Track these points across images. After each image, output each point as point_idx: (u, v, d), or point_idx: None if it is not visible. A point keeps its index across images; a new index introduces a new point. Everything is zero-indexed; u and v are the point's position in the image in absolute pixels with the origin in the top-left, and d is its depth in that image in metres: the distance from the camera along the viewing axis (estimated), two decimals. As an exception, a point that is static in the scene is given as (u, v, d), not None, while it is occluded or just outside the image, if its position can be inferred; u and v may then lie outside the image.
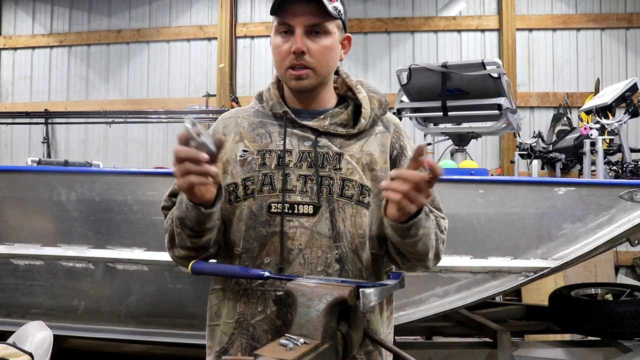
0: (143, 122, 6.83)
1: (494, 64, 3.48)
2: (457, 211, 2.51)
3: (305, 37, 1.26)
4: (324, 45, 1.28)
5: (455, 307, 2.61)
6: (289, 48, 1.26)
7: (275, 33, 1.30)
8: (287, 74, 1.29)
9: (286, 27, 1.26)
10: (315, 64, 1.27)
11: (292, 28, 1.26)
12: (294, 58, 1.26)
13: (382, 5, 6.99)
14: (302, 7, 1.24)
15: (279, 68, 1.31)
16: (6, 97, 7.66)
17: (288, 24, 1.26)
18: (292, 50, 1.25)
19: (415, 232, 1.19)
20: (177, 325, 2.66)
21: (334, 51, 1.31)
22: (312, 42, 1.26)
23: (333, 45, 1.30)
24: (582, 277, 5.50)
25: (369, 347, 1.31)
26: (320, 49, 1.27)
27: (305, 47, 1.25)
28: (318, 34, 1.27)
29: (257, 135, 1.34)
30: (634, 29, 6.59)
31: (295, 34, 1.25)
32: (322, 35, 1.27)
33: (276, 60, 1.31)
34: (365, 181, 1.31)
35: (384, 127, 1.39)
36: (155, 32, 7.31)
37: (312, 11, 1.24)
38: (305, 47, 1.25)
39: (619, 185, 2.54)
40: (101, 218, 2.58)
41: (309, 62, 1.27)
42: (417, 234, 1.19)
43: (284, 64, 1.28)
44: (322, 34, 1.27)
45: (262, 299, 1.25)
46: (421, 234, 1.20)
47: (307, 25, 1.25)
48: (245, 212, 1.28)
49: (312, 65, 1.27)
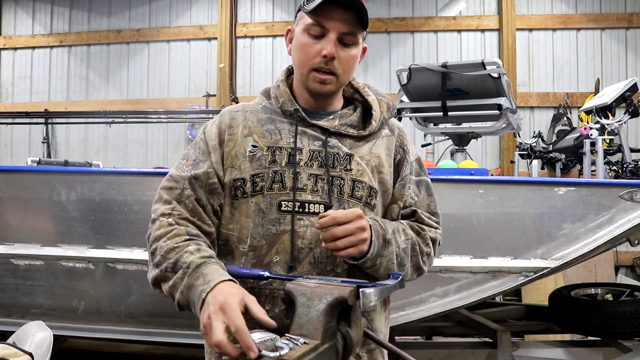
0: (143, 122, 6.83)
1: (494, 64, 3.48)
2: (457, 211, 2.51)
3: (337, 44, 1.25)
4: (351, 54, 1.28)
5: (455, 307, 2.61)
6: (319, 50, 1.25)
7: (304, 31, 1.28)
8: (310, 74, 1.28)
9: (320, 30, 1.25)
10: (340, 71, 1.28)
11: (326, 31, 1.25)
12: (322, 61, 1.26)
13: (382, 5, 6.99)
14: (341, 13, 1.24)
15: (302, 66, 1.30)
16: (6, 97, 7.66)
17: (324, 27, 1.25)
18: (324, 54, 1.24)
19: (372, 264, 1.21)
20: (177, 325, 2.66)
21: (357, 61, 1.32)
22: (342, 50, 1.26)
23: (357, 56, 1.31)
24: (582, 277, 5.50)
25: (371, 345, 1.32)
26: (348, 57, 1.28)
27: (336, 53, 1.25)
28: (348, 42, 1.27)
29: (267, 131, 1.32)
30: (634, 29, 6.58)
31: (328, 38, 1.25)
32: (351, 45, 1.28)
33: (301, 58, 1.29)
34: (374, 183, 1.31)
35: (389, 130, 1.40)
36: (155, 32, 7.31)
37: (350, 19, 1.24)
38: (336, 53, 1.25)
39: (619, 185, 2.54)
40: (101, 218, 2.57)
41: (336, 68, 1.27)
42: (374, 264, 1.22)
43: (309, 63, 1.27)
44: (352, 44, 1.28)
45: (271, 297, 1.24)
46: (379, 263, 1.22)
47: (342, 32, 1.25)
48: (252, 208, 1.27)
49: (337, 72, 1.27)
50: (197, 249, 1.18)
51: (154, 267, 1.21)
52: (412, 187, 1.38)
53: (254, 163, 1.28)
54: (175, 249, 1.18)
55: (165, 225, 1.23)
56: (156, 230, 1.24)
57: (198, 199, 1.28)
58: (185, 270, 1.14)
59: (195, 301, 1.08)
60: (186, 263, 1.15)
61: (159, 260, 1.19)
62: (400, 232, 1.28)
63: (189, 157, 1.34)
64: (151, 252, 1.23)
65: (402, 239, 1.27)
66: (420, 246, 1.32)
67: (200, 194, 1.28)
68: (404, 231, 1.30)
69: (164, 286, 1.18)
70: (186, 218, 1.26)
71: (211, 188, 1.29)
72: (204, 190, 1.28)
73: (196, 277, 1.11)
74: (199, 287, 1.08)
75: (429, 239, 1.35)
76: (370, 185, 1.30)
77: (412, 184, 1.38)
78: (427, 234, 1.34)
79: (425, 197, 1.40)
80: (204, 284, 1.08)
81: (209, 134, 1.35)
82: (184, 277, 1.13)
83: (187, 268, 1.14)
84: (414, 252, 1.31)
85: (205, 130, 1.37)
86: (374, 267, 1.22)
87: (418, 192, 1.38)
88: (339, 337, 1.03)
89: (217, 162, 1.30)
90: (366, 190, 1.30)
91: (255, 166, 1.28)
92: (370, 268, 1.23)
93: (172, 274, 1.16)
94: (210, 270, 1.11)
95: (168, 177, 1.32)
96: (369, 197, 1.30)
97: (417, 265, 1.33)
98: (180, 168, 1.32)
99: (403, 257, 1.27)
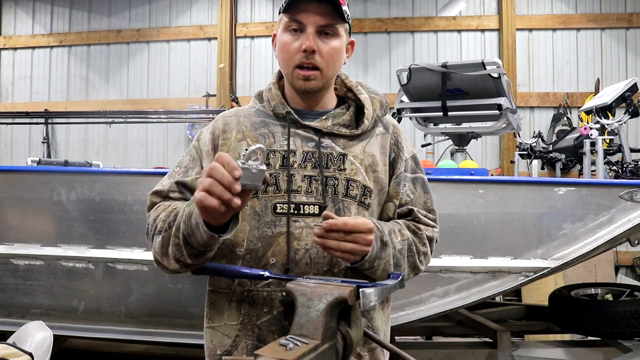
0: (143, 122, 6.83)
1: (494, 64, 3.47)
2: (457, 211, 2.51)
3: (316, 37, 1.25)
4: (333, 46, 1.28)
5: (455, 307, 2.61)
6: (299, 46, 1.25)
7: (284, 30, 1.29)
8: (294, 73, 1.28)
9: (297, 25, 1.26)
10: (323, 64, 1.27)
11: (304, 26, 1.25)
12: (303, 56, 1.25)
13: (382, 5, 6.99)
14: (316, 7, 1.24)
15: (285, 66, 1.30)
16: (6, 97, 7.66)
17: (300, 22, 1.25)
18: (303, 48, 1.24)
19: (370, 266, 1.21)
20: (177, 325, 2.66)
21: (341, 54, 1.31)
22: (322, 42, 1.26)
23: (341, 48, 1.30)
24: (582, 277, 5.50)
25: (372, 344, 1.32)
26: (330, 50, 1.27)
27: (316, 46, 1.25)
28: (328, 35, 1.27)
29: (260, 135, 1.32)
30: (634, 29, 6.59)
31: (306, 33, 1.25)
32: (331, 37, 1.27)
33: (283, 58, 1.30)
34: (368, 182, 1.31)
35: (383, 128, 1.40)
36: (155, 32, 7.31)
37: (326, 11, 1.24)
38: (316, 47, 1.24)
39: (619, 185, 2.54)
40: (101, 218, 2.57)
41: (318, 62, 1.26)
42: (372, 267, 1.21)
43: (292, 61, 1.27)
44: (332, 35, 1.27)
45: (268, 299, 1.25)
46: (377, 265, 1.22)
47: (319, 25, 1.25)
48: (248, 212, 1.27)
49: (320, 66, 1.27)
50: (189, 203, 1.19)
51: (157, 234, 1.22)
52: (408, 185, 1.37)
53: None
54: (172, 210, 1.22)
55: (160, 209, 1.26)
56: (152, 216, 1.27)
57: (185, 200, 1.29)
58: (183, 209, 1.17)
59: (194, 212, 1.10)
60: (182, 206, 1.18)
61: (161, 226, 1.21)
62: (396, 232, 1.28)
63: (182, 164, 1.36)
64: (152, 235, 1.25)
65: (399, 239, 1.27)
66: (417, 246, 1.32)
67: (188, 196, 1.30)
68: (400, 232, 1.30)
69: (170, 244, 1.18)
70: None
71: None
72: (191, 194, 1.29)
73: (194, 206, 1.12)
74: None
75: (426, 238, 1.34)
76: (365, 184, 1.30)
77: (408, 181, 1.38)
78: (424, 233, 1.34)
79: (421, 194, 1.39)
80: None
81: (203, 140, 1.36)
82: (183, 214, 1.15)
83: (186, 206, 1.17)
84: (410, 252, 1.30)
85: (199, 137, 1.39)
86: (372, 269, 1.22)
87: (414, 189, 1.38)
88: (339, 337, 1.03)
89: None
90: (360, 189, 1.29)
91: None
92: (367, 270, 1.22)
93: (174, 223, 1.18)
94: None
95: (159, 184, 1.34)
96: (363, 196, 1.30)
97: (413, 265, 1.33)
98: (172, 176, 1.34)
99: (399, 258, 1.27)
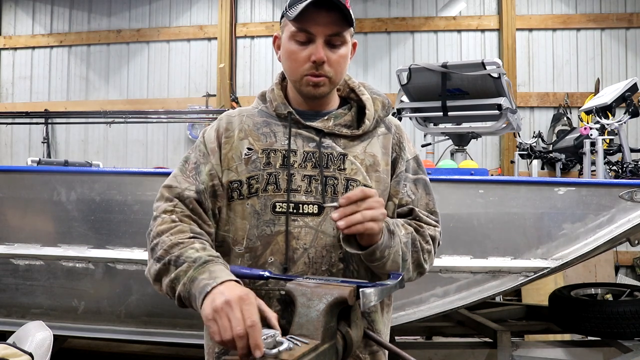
0: (143, 122, 6.83)
1: (494, 64, 3.48)
2: (457, 211, 2.51)
3: (325, 47, 1.25)
4: (341, 55, 1.28)
5: (455, 307, 2.61)
6: (308, 56, 1.25)
7: (290, 39, 1.28)
8: (303, 80, 1.28)
9: (306, 35, 1.25)
10: (332, 73, 1.27)
11: (313, 37, 1.24)
12: (313, 67, 1.25)
13: (382, 5, 6.99)
14: (324, 16, 1.23)
15: (293, 74, 1.30)
16: (6, 97, 7.66)
17: (309, 32, 1.24)
18: (313, 59, 1.24)
19: (381, 255, 1.19)
20: (177, 325, 2.66)
21: (347, 59, 1.32)
22: (331, 52, 1.26)
23: (348, 54, 1.31)
24: (582, 277, 5.50)
25: (373, 347, 1.31)
26: (338, 58, 1.27)
27: (325, 56, 1.24)
28: (336, 43, 1.26)
29: (262, 134, 1.33)
30: (634, 29, 6.59)
31: (315, 43, 1.24)
32: (339, 45, 1.27)
33: (291, 66, 1.29)
34: (369, 182, 1.31)
35: (385, 128, 1.40)
36: (155, 32, 7.31)
37: (334, 20, 1.24)
38: (325, 57, 1.24)
39: (619, 185, 2.54)
40: (101, 218, 2.58)
41: (327, 71, 1.26)
42: (383, 256, 1.19)
43: (299, 71, 1.27)
44: (340, 44, 1.27)
45: (266, 298, 1.24)
46: (387, 254, 1.20)
47: (328, 34, 1.24)
48: (248, 210, 1.27)
49: (329, 75, 1.27)
50: (203, 247, 1.18)
51: (155, 261, 1.20)
52: (409, 185, 1.37)
53: (249, 165, 1.29)
54: (179, 244, 1.18)
55: (168, 222, 1.24)
56: (158, 226, 1.24)
57: (199, 200, 1.28)
58: (190, 264, 1.13)
59: (197, 294, 1.07)
60: (192, 258, 1.14)
61: (161, 254, 1.19)
62: (399, 226, 1.27)
63: (189, 159, 1.35)
64: (151, 247, 1.23)
65: (403, 232, 1.26)
66: (421, 243, 1.31)
67: (202, 196, 1.29)
68: (403, 226, 1.29)
69: (164, 280, 1.17)
70: (189, 216, 1.27)
71: (213, 190, 1.30)
72: (207, 192, 1.29)
73: (202, 271, 1.11)
74: (204, 280, 1.08)
75: (429, 237, 1.33)
76: (365, 184, 1.30)
77: (409, 182, 1.37)
78: (426, 231, 1.33)
79: (423, 195, 1.39)
80: (210, 278, 1.07)
81: (208, 137, 1.37)
82: (188, 271, 1.13)
83: (193, 262, 1.13)
84: (415, 247, 1.29)
85: (204, 134, 1.39)
86: (382, 260, 1.20)
87: (415, 190, 1.37)
88: (339, 337, 1.03)
89: (217, 163, 1.32)
90: None
91: (250, 168, 1.29)
92: (379, 260, 1.20)
93: (175, 268, 1.15)
94: (217, 268, 1.12)
95: (171, 177, 1.34)
96: None
97: (417, 262, 1.31)
98: (182, 170, 1.34)
99: (405, 252, 1.26)
